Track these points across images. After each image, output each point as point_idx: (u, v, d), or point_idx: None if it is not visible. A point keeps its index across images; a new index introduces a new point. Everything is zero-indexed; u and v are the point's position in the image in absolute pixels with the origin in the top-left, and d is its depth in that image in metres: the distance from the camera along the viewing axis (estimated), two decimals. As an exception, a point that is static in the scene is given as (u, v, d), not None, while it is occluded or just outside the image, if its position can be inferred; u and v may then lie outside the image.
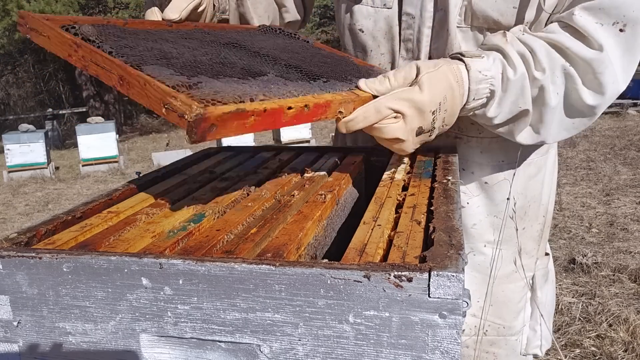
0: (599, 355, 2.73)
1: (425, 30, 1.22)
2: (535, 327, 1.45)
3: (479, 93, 1.06)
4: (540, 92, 1.08)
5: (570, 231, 4.53)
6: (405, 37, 1.25)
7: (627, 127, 9.41)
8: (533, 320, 1.45)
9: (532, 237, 1.39)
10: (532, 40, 1.08)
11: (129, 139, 14.13)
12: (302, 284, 0.59)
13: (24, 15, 0.91)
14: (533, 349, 1.47)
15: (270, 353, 0.62)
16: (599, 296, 3.31)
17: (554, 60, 1.07)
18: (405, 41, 1.25)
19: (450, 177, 0.96)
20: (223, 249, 0.72)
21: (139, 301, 0.64)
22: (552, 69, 1.07)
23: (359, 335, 0.59)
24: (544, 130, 1.13)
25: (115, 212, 0.89)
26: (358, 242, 0.71)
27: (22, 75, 19.90)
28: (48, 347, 0.68)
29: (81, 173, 9.19)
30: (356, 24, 1.29)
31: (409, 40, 1.25)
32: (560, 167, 6.84)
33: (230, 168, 1.19)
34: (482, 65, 1.06)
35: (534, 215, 1.38)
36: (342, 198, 1.02)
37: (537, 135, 1.14)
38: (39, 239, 0.78)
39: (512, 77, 1.06)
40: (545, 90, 1.07)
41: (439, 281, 0.55)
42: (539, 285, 1.44)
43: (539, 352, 1.47)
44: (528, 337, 1.46)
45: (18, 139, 8.93)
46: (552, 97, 1.08)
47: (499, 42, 1.10)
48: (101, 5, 14.56)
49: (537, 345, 1.46)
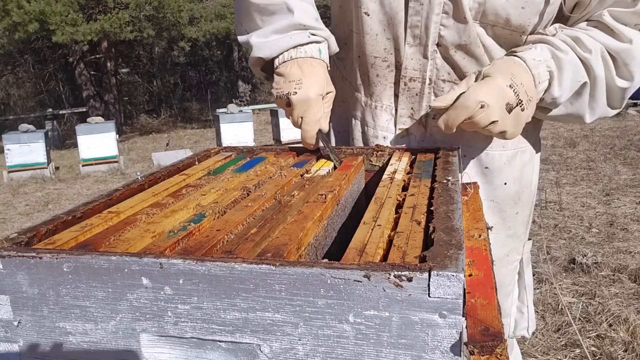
0: (599, 355, 2.73)
1: (434, 18, 1.22)
2: (522, 310, 1.51)
3: (541, 76, 1.16)
4: (589, 70, 1.19)
5: (570, 231, 4.52)
6: (412, 24, 1.25)
7: (627, 127, 9.41)
8: (520, 303, 1.51)
9: (523, 221, 1.45)
10: (574, 31, 1.21)
11: (129, 139, 14.13)
12: (302, 284, 0.59)
13: None
14: (521, 330, 1.51)
15: (271, 353, 0.62)
16: (599, 296, 3.31)
17: (594, 44, 1.19)
18: (412, 27, 1.25)
19: (450, 177, 0.96)
20: (223, 249, 0.73)
21: (139, 301, 0.64)
22: (595, 51, 1.18)
23: (359, 335, 0.59)
24: (597, 107, 1.24)
25: (116, 212, 0.89)
26: (358, 242, 0.71)
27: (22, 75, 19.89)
28: (48, 347, 0.68)
29: (81, 173, 9.19)
30: (362, 7, 1.28)
31: (416, 27, 1.25)
32: (560, 167, 6.85)
33: (230, 168, 1.19)
34: (533, 53, 1.17)
35: (526, 200, 1.43)
36: (343, 198, 1.02)
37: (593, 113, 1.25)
38: (39, 239, 0.78)
39: (563, 57, 1.17)
40: (594, 68, 1.19)
41: (439, 281, 0.55)
42: (525, 267, 1.50)
43: (526, 334, 1.51)
44: (515, 319, 1.50)
45: (18, 139, 8.93)
46: (599, 73, 1.19)
47: (541, 36, 1.21)
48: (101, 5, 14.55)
49: (525, 327, 1.51)
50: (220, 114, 9.67)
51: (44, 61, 18.74)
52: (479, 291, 0.68)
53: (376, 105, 1.37)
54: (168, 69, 21.24)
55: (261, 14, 1.25)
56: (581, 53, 1.18)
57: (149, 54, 20.83)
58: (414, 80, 1.30)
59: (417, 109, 1.33)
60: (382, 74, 1.34)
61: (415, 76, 1.30)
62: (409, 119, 1.35)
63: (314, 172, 1.13)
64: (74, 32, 12.33)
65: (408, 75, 1.30)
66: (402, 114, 1.35)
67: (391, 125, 1.37)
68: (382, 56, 1.32)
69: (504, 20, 1.20)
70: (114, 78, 16.61)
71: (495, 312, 0.63)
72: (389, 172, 1.10)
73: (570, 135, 9.12)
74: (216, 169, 1.20)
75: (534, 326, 1.52)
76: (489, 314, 0.63)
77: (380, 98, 1.37)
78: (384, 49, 1.31)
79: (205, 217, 0.84)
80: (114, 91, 16.70)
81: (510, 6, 1.17)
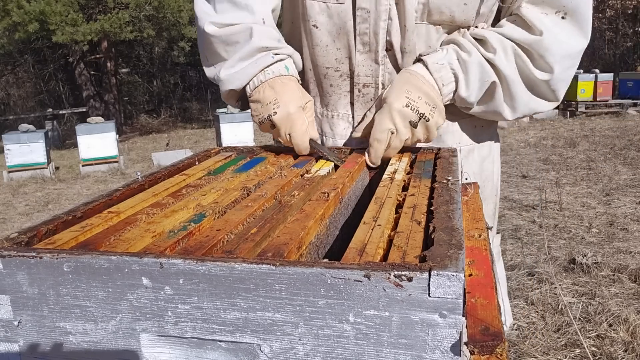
0: (599, 355, 2.73)
1: (382, 24, 1.27)
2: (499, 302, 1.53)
3: (444, 79, 1.21)
4: (496, 70, 1.22)
5: (570, 231, 4.53)
6: (361, 31, 1.29)
7: (627, 127, 9.41)
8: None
9: (488, 215, 1.46)
10: (483, 31, 1.25)
11: (129, 139, 14.13)
12: (302, 284, 0.59)
13: None
14: None
15: (271, 352, 0.62)
16: (599, 296, 3.31)
17: (504, 43, 1.22)
18: (362, 35, 1.29)
19: (450, 177, 0.96)
20: (223, 248, 0.73)
21: (139, 301, 0.64)
22: (503, 49, 1.22)
23: (359, 335, 0.59)
24: (517, 104, 1.27)
25: (116, 212, 0.89)
26: (358, 242, 0.71)
27: (22, 75, 19.89)
28: (48, 346, 0.68)
29: (81, 173, 9.19)
30: (309, 20, 1.31)
31: (365, 34, 1.29)
32: (560, 167, 6.86)
33: (231, 168, 1.19)
34: (437, 57, 1.22)
35: (489, 194, 1.46)
36: (346, 196, 1.02)
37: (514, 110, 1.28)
38: (39, 238, 0.78)
39: (467, 59, 1.21)
40: (500, 67, 1.21)
41: (439, 281, 0.56)
42: (497, 261, 1.52)
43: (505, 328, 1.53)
44: None
45: (18, 139, 8.93)
46: (508, 72, 1.22)
47: (453, 36, 1.26)
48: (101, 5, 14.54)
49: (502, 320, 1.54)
50: (220, 114, 9.67)
51: (44, 61, 18.74)
52: (479, 291, 0.68)
53: (333, 114, 1.41)
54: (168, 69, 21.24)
55: (225, 45, 1.28)
56: (485, 53, 1.21)
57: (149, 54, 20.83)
58: (367, 86, 1.35)
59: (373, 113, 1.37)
60: (335, 84, 1.38)
61: (368, 82, 1.34)
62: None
63: (314, 172, 1.13)
64: (74, 32, 12.32)
65: (361, 82, 1.35)
66: (359, 120, 1.38)
67: (348, 132, 1.40)
68: (334, 66, 1.35)
69: (449, 18, 1.24)
70: (114, 78, 16.62)
71: (495, 312, 0.63)
72: (389, 172, 1.10)
73: (570, 135, 9.12)
74: (216, 169, 1.20)
75: (510, 319, 1.55)
76: (489, 314, 0.63)
77: (336, 107, 1.41)
78: (335, 59, 1.34)
79: (205, 217, 0.84)
80: (114, 91, 16.70)
81: (453, 4, 1.22)
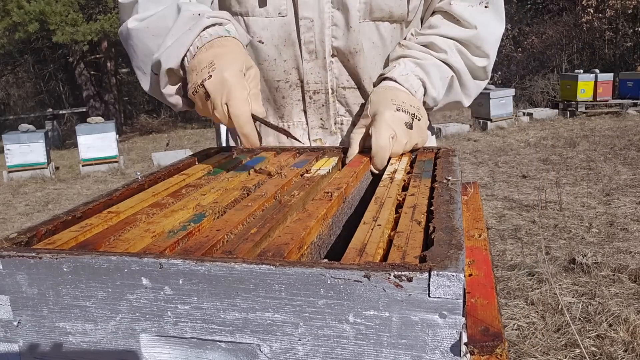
0: (599, 355, 2.73)
1: (326, 31, 1.31)
2: None
3: (413, 86, 1.29)
4: (450, 66, 1.34)
5: (570, 231, 4.53)
6: (306, 40, 1.32)
7: (627, 127, 9.41)
8: None
9: None
10: (426, 37, 1.35)
11: (129, 139, 14.13)
12: (302, 284, 0.59)
13: None
14: None
15: (270, 353, 0.62)
16: (599, 296, 3.31)
17: (447, 42, 1.33)
18: (307, 44, 1.32)
19: (450, 177, 0.96)
20: (223, 249, 0.72)
21: (139, 301, 0.64)
22: (449, 48, 1.33)
23: (359, 335, 0.59)
24: (469, 91, 1.40)
25: (116, 212, 0.89)
26: (358, 242, 0.71)
27: (22, 75, 19.90)
28: (48, 347, 0.68)
29: (81, 173, 9.20)
30: (254, 36, 1.33)
31: (310, 43, 1.32)
32: (560, 167, 6.86)
33: (230, 168, 1.19)
34: (399, 70, 1.30)
35: None
36: (350, 196, 1.02)
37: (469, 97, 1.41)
38: (39, 239, 0.78)
39: (425, 63, 1.31)
40: (452, 63, 1.34)
41: (439, 281, 0.55)
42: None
43: None
44: None
45: (18, 139, 8.94)
46: (458, 65, 1.34)
47: (400, 52, 1.35)
48: (101, 5, 14.54)
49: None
50: (220, 114, 9.65)
51: (44, 61, 18.75)
52: (479, 291, 0.68)
53: (289, 124, 1.43)
54: (168, 69, 21.18)
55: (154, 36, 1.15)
56: (437, 55, 1.32)
57: (149, 54, 20.78)
58: (317, 92, 1.38)
59: (325, 118, 1.41)
60: (287, 95, 1.40)
61: (318, 88, 1.37)
62: (320, 129, 1.43)
63: (314, 171, 1.13)
64: (74, 32, 12.34)
65: (312, 89, 1.38)
66: (314, 126, 1.42)
67: (305, 139, 1.42)
68: (284, 78, 1.37)
69: (388, 14, 1.32)
70: (114, 78, 16.62)
71: (495, 312, 0.63)
72: (389, 172, 1.10)
73: (570, 135, 9.12)
74: (216, 168, 1.20)
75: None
76: (489, 314, 0.62)
77: (290, 117, 1.42)
78: (283, 71, 1.36)
79: (205, 217, 0.84)
80: (114, 91, 16.71)
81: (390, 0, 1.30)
